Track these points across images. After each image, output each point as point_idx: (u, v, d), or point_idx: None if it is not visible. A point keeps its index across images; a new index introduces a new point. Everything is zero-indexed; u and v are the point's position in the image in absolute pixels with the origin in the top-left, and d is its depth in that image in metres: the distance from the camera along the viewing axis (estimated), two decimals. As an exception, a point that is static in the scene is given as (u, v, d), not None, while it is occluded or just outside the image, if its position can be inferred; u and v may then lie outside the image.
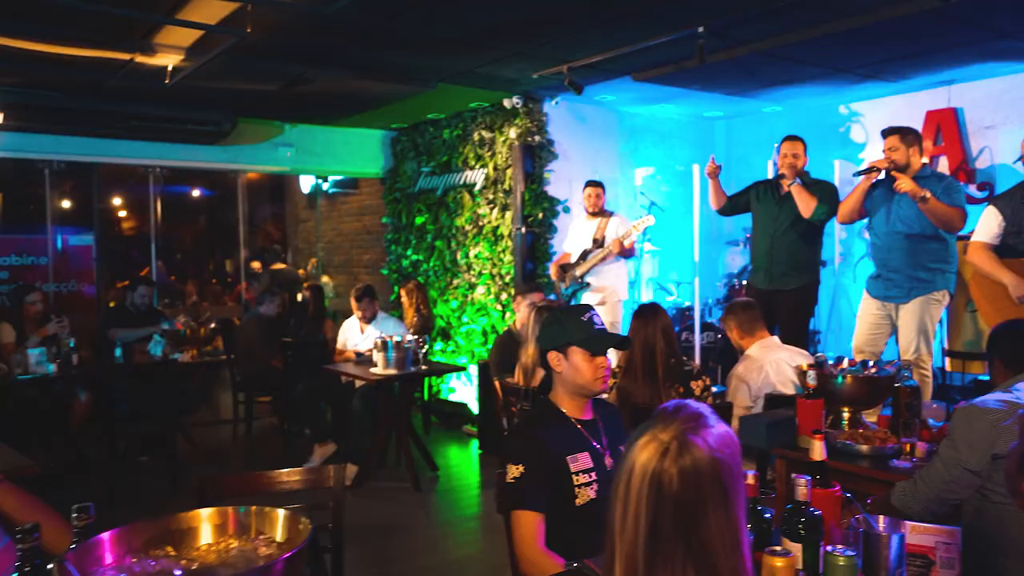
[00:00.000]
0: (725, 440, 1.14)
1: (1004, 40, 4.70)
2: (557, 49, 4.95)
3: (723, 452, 1.11)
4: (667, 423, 1.14)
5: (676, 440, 1.11)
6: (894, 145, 4.29)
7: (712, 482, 1.09)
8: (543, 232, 6.35)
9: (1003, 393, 2.25)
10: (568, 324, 2.13)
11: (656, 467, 1.10)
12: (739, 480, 1.13)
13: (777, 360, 3.37)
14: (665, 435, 1.12)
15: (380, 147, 7.92)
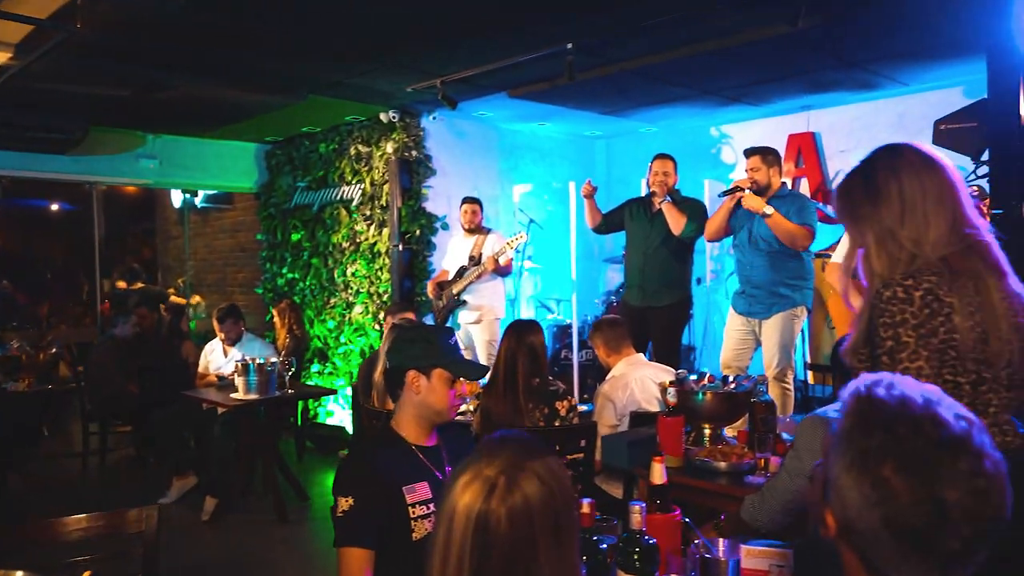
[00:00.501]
0: (556, 472, 1.04)
1: (852, 69, 4.96)
2: (430, 63, 4.85)
3: (555, 485, 1.02)
4: (493, 457, 1.03)
5: (504, 476, 1.00)
6: (756, 165, 4.43)
7: (545, 521, 0.99)
8: (421, 249, 6.21)
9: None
10: (437, 344, 1.99)
11: (481, 508, 0.99)
12: (573, 515, 1.04)
13: (642, 377, 3.36)
14: (491, 470, 1.01)
15: (254, 161, 7.57)
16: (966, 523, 0.84)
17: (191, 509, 4.77)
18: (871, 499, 0.87)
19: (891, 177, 1.59)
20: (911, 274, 1.53)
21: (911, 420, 0.88)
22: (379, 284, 6.39)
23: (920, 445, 0.86)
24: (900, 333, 1.51)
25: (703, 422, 3.07)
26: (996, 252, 1.58)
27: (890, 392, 0.92)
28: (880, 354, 1.53)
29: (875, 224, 1.59)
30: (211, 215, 8.88)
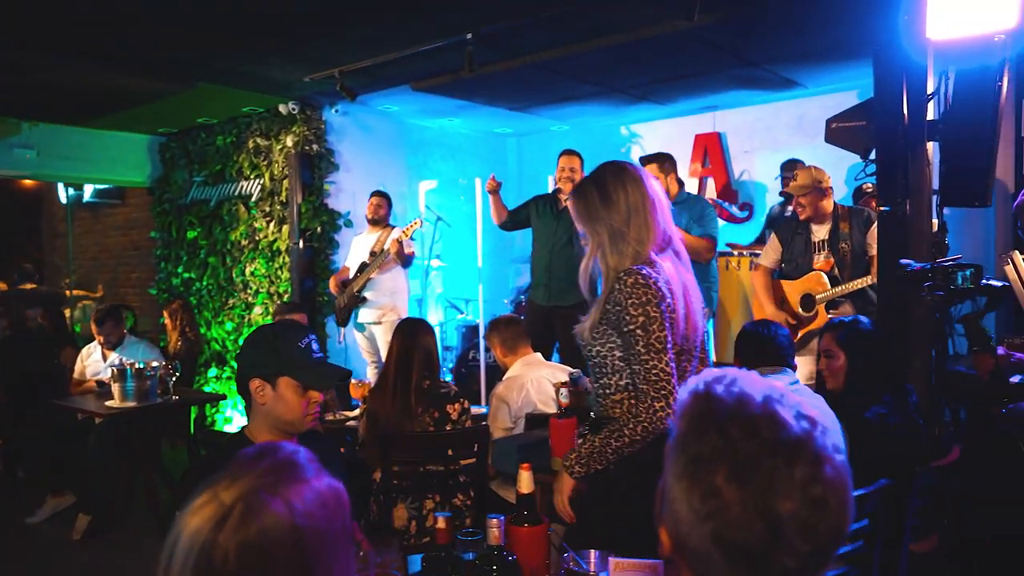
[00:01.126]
0: (324, 500, 0.87)
1: (752, 69, 5.01)
2: (326, 51, 4.63)
3: (310, 520, 0.84)
4: (236, 477, 0.86)
5: (243, 502, 0.83)
6: (654, 173, 4.38)
7: (288, 563, 0.82)
8: (323, 247, 5.96)
9: None
10: (283, 349, 1.80)
11: (208, 539, 0.81)
12: (336, 554, 0.87)
13: (539, 378, 3.25)
14: (229, 494, 0.84)
15: (146, 153, 7.13)
16: (802, 538, 0.73)
17: (63, 528, 4.40)
18: (701, 512, 0.76)
19: (619, 187, 1.90)
20: (643, 265, 1.84)
21: (746, 420, 0.77)
22: (279, 284, 6.11)
23: (753, 449, 0.75)
24: (648, 310, 1.78)
25: (598, 423, 2.98)
26: (683, 252, 1.99)
27: (729, 389, 0.81)
28: (633, 328, 1.79)
29: (609, 225, 1.88)
30: (101, 211, 8.34)
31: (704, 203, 4.52)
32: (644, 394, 1.78)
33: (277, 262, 6.11)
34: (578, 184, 2.00)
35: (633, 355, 1.79)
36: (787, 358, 2.45)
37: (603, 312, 1.85)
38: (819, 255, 4.03)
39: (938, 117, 3.25)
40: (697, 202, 4.46)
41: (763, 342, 2.47)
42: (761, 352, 2.46)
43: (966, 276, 2.61)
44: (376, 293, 5.34)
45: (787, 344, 2.48)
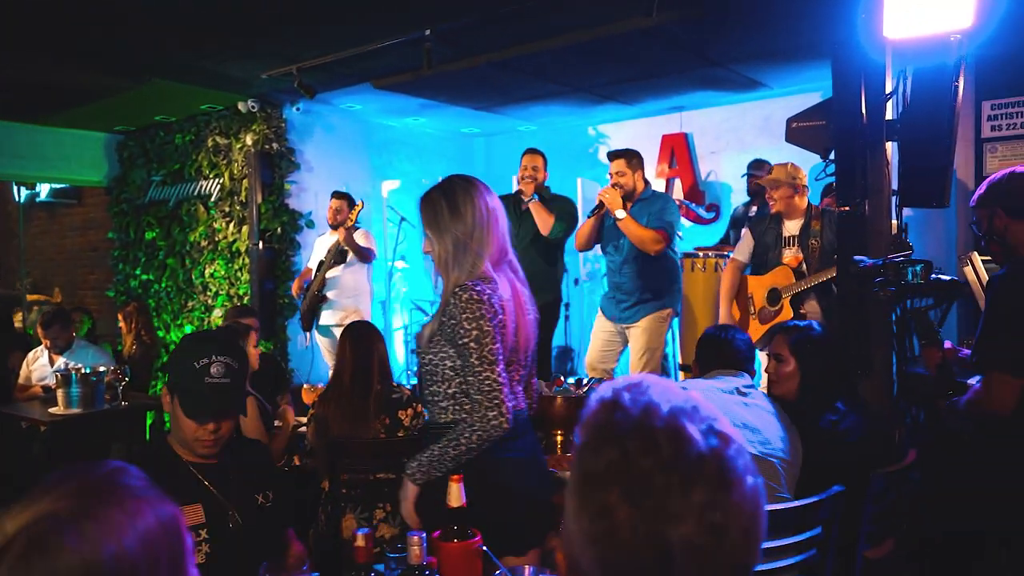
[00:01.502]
0: (147, 534, 0.74)
1: (716, 68, 4.98)
2: (283, 47, 4.52)
3: (128, 556, 0.72)
4: (32, 501, 0.72)
5: (28, 534, 0.69)
6: (621, 169, 4.34)
7: None
8: (284, 248, 5.83)
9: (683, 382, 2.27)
10: (179, 365, 1.72)
11: None
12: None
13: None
14: (14, 525, 0.70)
15: (103, 152, 6.94)
16: (696, 568, 0.66)
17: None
18: (590, 533, 0.68)
19: (468, 200, 1.94)
20: (479, 279, 1.90)
21: (647, 434, 0.70)
22: (239, 286, 5.97)
23: (649, 466, 0.67)
24: (482, 324, 1.85)
25: (554, 429, 2.92)
26: (517, 265, 2.09)
27: (636, 399, 0.73)
28: (467, 342, 1.85)
29: (454, 236, 1.92)
30: (58, 211, 8.12)
31: (665, 199, 4.45)
32: (479, 404, 1.85)
33: (237, 263, 5.97)
34: (427, 193, 2.00)
35: (468, 367, 1.86)
36: (745, 362, 2.39)
37: (440, 323, 1.91)
38: (788, 250, 4.02)
39: (896, 117, 3.22)
40: (658, 199, 4.38)
41: (720, 346, 2.41)
42: (718, 356, 2.41)
43: (916, 272, 2.59)
44: (338, 293, 5.22)
45: (745, 348, 2.43)
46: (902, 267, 2.56)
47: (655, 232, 4.11)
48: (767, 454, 2.09)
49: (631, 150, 4.45)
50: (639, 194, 4.35)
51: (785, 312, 4.00)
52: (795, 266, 3.94)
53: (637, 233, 4.11)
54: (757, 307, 4.15)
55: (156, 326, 6.60)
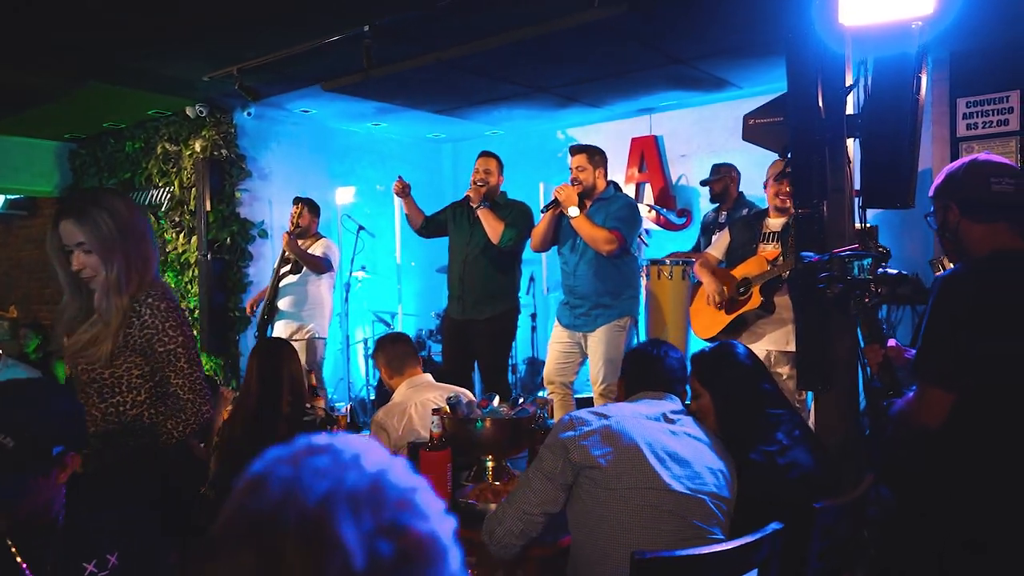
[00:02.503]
0: None
1: (682, 66, 4.76)
2: (223, 47, 4.30)
3: None
4: None
5: None
6: (582, 164, 4.09)
7: None
8: (235, 259, 5.57)
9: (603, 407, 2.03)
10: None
11: None
12: None
13: (424, 401, 2.91)
14: None
15: (54, 161, 6.69)
16: None
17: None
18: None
19: (130, 214, 1.99)
20: (155, 288, 2.01)
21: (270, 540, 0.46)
22: (190, 299, 5.71)
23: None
24: (184, 330, 2.02)
25: (484, 453, 2.66)
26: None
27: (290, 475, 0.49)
28: (175, 348, 2.00)
29: (125, 252, 1.95)
30: (13, 223, 7.86)
31: (623, 199, 4.17)
32: (190, 401, 2.03)
33: (187, 276, 5.71)
34: (83, 212, 1.94)
35: (176, 370, 2.00)
36: (675, 384, 2.14)
37: (126, 336, 1.94)
38: (767, 245, 3.77)
39: (857, 111, 3.00)
40: (615, 199, 4.12)
41: (649, 365, 2.16)
42: (646, 376, 2.15)
43: (863, 266, 2.36)
44: (290, 304, 4.96)
45: (677, 367, 2.17)
46: (848, 261, 2.33)
47: (608, 232, 3.87)
48: (696, 490, 1.84)
49: (594, 146, 4.21)
50: (599, 193, 4.10)
51: (753, 300, 3.72)
52: (771, 259, 3.67)
53: (589, 232, 3.88)
54: (725, 296, 3.84)
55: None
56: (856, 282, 2.30)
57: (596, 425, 1.95)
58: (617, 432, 1.93)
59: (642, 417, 1.98)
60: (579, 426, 1.96)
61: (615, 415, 1.98)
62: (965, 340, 1.85)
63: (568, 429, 1.95)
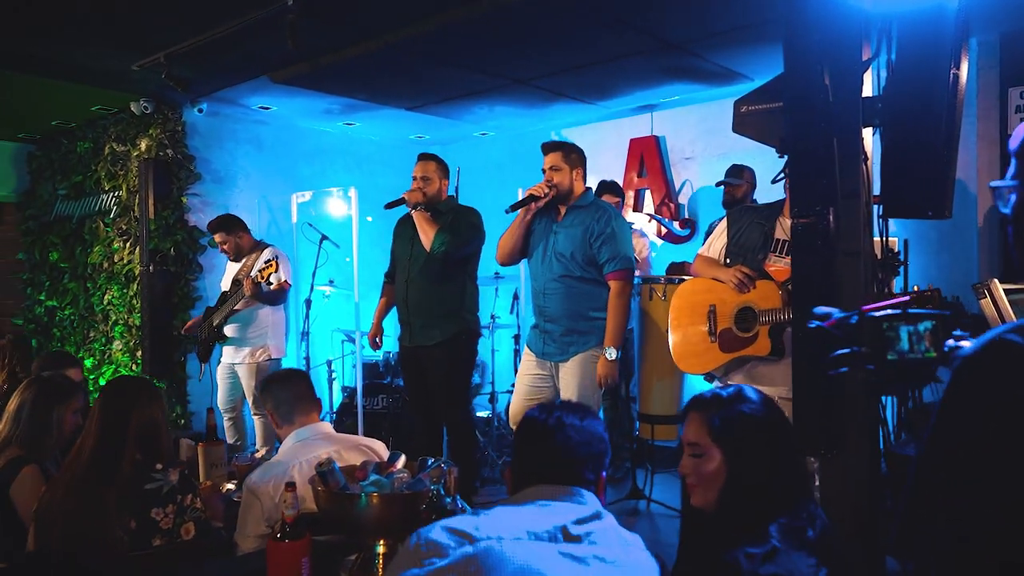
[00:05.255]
0: None
1: (679, 53, 4.09)
2: (143, 31, 3.74)
3: None
4: None
5: None
6: (557, 164, 3.40)
7: None
8: (182, 271, 5.01)
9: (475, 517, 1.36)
10: None
11: None
12: None
13: (312, 460, 2.27)
14: None
15: (11, 163, 6.22)
16: None
17: None
18: None
19: None
20: None
21: None
22: (134, 315, 5.17)
23: None
24: None
25: (372, 537, 2.02)
26: None
27: None
28: None
29: None
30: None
31: (611, 214, 3.41)
32: None
33: (132, 289, 5.17)
34: None
35: None
36: (581, 466, 1.45)
37: None
38: (779, 259, 2.87)
39: (878, 93, 2.31)
40: (600, 213, 3.40)
41: (539, 440, 1.48)
42: (535, 458, 1.48)
43: (919, 333, 1.42)
44: (239, 328, 4.38)
45: (585, 440, 1.48)
46: (890, 327, 1.43)
47: (617, 283, 3.31)
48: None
49: (570, 143, 3.54)
50: (576, 198, 3.44)
51: (759, 346, 2.90)
52: (783, 280, 2.77)
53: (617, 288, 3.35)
54: (719, 325, 2.97)
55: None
56: (904, 365, 1.44)
57: (453, 557, 1.29)
58: (487, 568, 1.27)
59: (523, 539, 1.31)
60: (428, 559, 1.30)
61: (487, 534, 1.32)
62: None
63: (412, 565, 1.30)
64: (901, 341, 1.43)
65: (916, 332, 1.43)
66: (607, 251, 3.32)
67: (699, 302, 3.08)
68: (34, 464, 2.43)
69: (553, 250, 3.44)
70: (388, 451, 2.48)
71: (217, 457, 2.87)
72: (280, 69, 4.28)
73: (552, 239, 3.45)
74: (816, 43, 2.18)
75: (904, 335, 1.43)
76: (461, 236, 3.59)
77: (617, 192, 4.82)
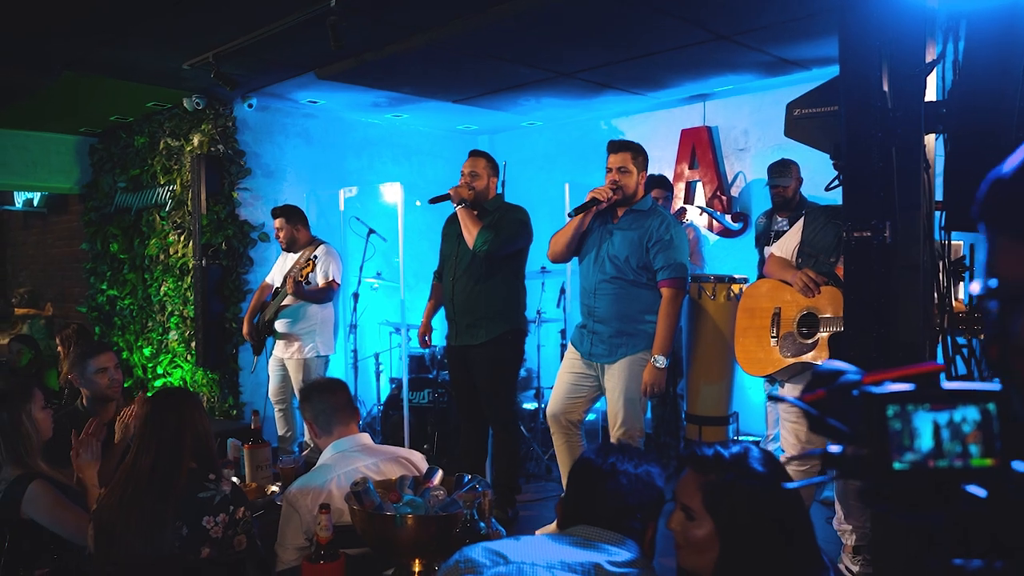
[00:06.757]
0: None
1: (730, 44, 3.94)
2: (194, 31, 3.78)
3: None
4: None
5: None
6: (626, 166, 3.35)
7: None
8: (235, 265, 5.10)
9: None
10: None
11: None
12: None
13: (351, 473, 2.28)
14: None
15: (74, 157, 6.42)
16: None
17: None
18: None
19: None
20: None
21: None
22: (188, 307, 5.29)
23: None
24: None
25: (407, 557, 2.01)
26: None
27: None
28: None
29: None
30: (49, 220, 7.73)
31: (670, 221, 3.37)
32: None
33: (186, 281, 5.29)
34: None
35: None
36: (627, 520, 1.38)
37: None
38: None
39: (943, 97, 2.17)
40: (660, 220, 3.33)
41: (589, 482, 1.44)
42: (584, 499, 1.44)
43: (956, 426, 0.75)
44: (289, 324, 4.44)
45: (633, 490, 1.41)
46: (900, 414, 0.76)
47: (670, 290, 3.28)
48: None
49: (638, 145, 3.47)
50: (636, 200, 3.39)
51: (819, 352, 2.81)
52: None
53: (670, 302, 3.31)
54: (782, 329, 2.91)
55: (120, 347, 6.03)
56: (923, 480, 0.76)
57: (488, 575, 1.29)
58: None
59: (559, 567, 1.29)
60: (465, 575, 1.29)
61: (522, 559, 1.30)
62: None
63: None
64: (920, 438, 0.76)
65: (952, 423, 0.77)
66: (662, 258, 3.29)
67: (765, 304, 3.02)
68: (38, 479, 2.38)
69: (607, 252, 3.39)
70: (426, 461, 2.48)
71: (263, 459, 2.92)
72: (326, 66, 4.28)
73: (607, 241, 3.40)
74: (875, 45, 2.05)
75: (927, 428, 0.76)
76: (504, 234, 3.56)
77: (666, 186, 4.71)
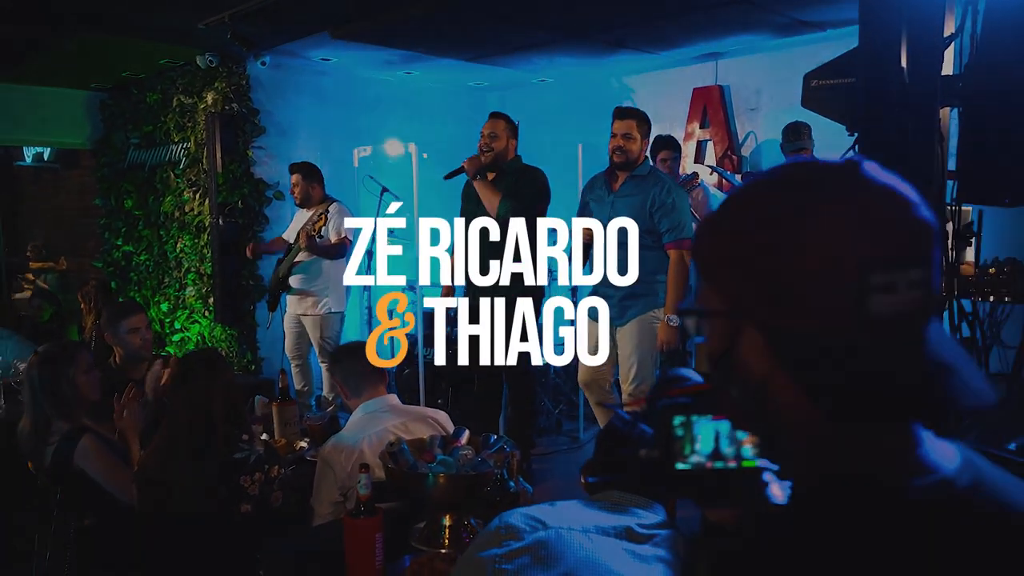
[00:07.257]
0: None
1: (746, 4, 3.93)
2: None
3: None
4: None
5: None
6: (631, 132, 3.45)
7: None
8: (251, 223, 5.17)
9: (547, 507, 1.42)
10: None
11: None
12: None
13: (381, 433, 2.40)
14: None
15: (85, 112, 6.41)
16: None
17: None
18: None
19: None
20: None
21: None
22: (205, 264, 5.38)
23: None
24: None
25: (439, 512, 2.14)
26: None
27: None
28: None
29: None
30: (61, 175, 7.77)
31: (670, 185, 3.49)
32: None
33: (202, 239, 5.37)
34: None
35: None
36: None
37: None
38: None
39: (959, 71, 2.21)
40: (660, 184, 3.45)
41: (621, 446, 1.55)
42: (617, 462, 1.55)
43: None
44: (304, 279, 4.54)
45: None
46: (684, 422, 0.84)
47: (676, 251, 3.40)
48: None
49: (643, 113, 3.56)
50: (636, 167, 3.49)
51: None
52: None
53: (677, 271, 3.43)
54: None
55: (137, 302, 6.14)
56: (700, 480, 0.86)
57: (528, 540, 1.39)
58: (556, 554, 1.36)
59: (594, 531, 1.40)
60: (507, 541, 1.40)
61: (559, 524, 1.41)
62: None
63: (492, 545, 1.40)
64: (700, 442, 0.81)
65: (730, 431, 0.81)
66: (667, 222, 3.40)
67: None
68: (88, 433, 2.50)
69: (613, 214, 3.46)
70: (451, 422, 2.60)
71: (290, 416, 3.04)
72: (340, 27, 4.28)
73: (609, 208, 3.47)
74: (894, 18, 2.09)
75: (709, 435, 0.81)
76: (525, 200, 3.62)
77: (674, 147, 4.75)
